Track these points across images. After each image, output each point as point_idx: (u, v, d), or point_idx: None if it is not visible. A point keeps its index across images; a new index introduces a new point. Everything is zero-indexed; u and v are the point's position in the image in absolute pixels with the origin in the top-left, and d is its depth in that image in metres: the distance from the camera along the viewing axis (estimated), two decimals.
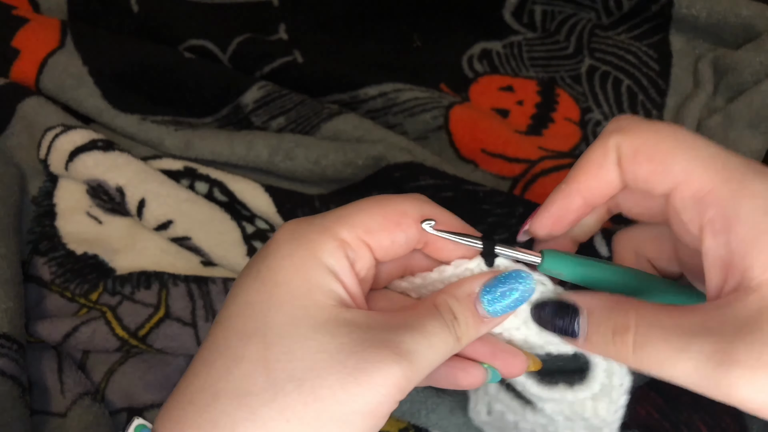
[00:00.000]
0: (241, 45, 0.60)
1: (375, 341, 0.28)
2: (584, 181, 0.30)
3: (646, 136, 0.29)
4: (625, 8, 0.61)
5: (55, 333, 0.46)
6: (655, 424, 0.42)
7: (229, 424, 0.26)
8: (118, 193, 0.50)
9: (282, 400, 0.27)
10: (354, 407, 0.27)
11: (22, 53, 0.58)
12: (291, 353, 0.27)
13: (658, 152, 0.28)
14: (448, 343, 0.29)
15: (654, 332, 0.26)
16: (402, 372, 0.27)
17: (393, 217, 0.31)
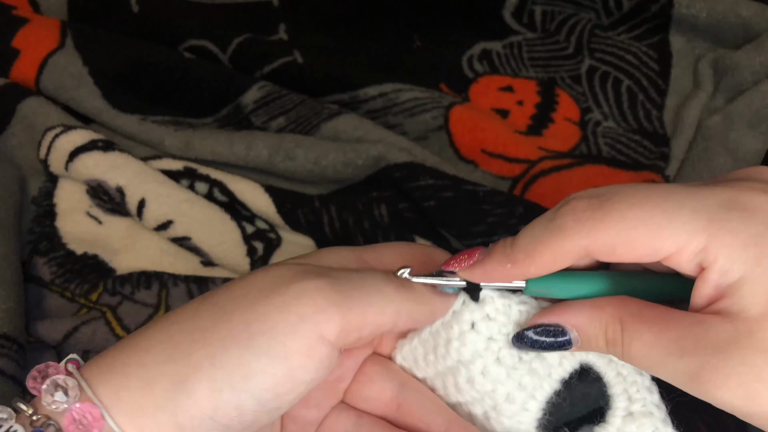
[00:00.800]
0: (241, 45, 0.60)
1: (301, 267, 0.28)
2: (533, 271, 0.28)
3: (616, 231, 0.26)
4: (625, 8, 0.61)
5: (55, 333, 0.46)
6: None
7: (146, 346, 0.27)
8: (118, 193, 0.50)
9: (196, 323, 0.27)
10: (261, 327, 0.26)
11: (22, 53, 0.58)
12: (227, 288, 0.28)
13: (637, 241, 0.26)
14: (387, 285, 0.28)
15: (639, 347, 0.27)
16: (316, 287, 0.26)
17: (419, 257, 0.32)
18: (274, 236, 0.51)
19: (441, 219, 0.48)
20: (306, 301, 0.26)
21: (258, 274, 0.28)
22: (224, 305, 0.27)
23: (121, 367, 0.27)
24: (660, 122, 0.57)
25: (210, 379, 0.26)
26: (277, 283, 0.27)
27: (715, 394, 0.25)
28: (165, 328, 0.28)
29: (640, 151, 0.55)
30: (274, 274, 0.28)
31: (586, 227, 0.27)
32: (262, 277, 0.28)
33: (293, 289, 0.26)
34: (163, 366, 0.26)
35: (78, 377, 0.27)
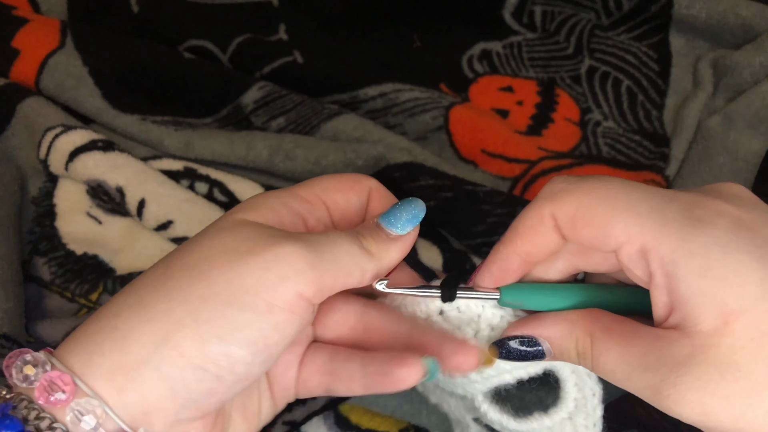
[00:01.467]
0: (241, 45, 0.60)
1: (271, 232, 0.29)
2: (521, 245, 0.30)
3: (580, 202, 0.28)
4: (625, 8, 0.61)
5: (55, 333, 0.46)
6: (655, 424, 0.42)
7: (115, 311, 0.28)
8: (118, 193, 0.50)
9: (170, 284, 0.27)
10: (243, 284, 0.27)
11: (22, 53, 0.58)
12: (190, 250, 0.28)
13: (595, 217, 0.28)
14: (352, 245, 0.30)
15: (606, 361, 0.28)
16: (295, 252, 0.27)
17: (347, 182, 0.33)
18: None
19: (441, 219, 0.48)
20: (286, 263, 0.27)
21: (222, 234, 0.29)
22: (196, 265, 0.28)
23: (92, 335, 0.27)
24: (660, 122, 0.57)
25: (195, 333, 0.26)
26: (251, 245, 0.28)
27: (674, 409, 0.26)
28: (134, 292, 0.28)
29: (640, 151, 0.55)
30: (244, 235, 0.28)
31: (556, 196, 0.29)
32: (232, 237, 0.28)
33: (272, 251, 0.27)
34: (141, 326, 0.27)
35: (47, 354, 0.27)
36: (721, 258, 0.26)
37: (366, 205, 0.34)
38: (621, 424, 0.42)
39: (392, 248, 0.31)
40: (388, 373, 0.31)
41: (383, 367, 0.31)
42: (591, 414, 0.34)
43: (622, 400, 0.43)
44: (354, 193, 0.33)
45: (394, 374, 0.30)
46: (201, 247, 0.28)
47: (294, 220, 0.31)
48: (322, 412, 0.43)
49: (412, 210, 0.32)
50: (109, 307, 0.28)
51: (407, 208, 0.32)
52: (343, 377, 0.32)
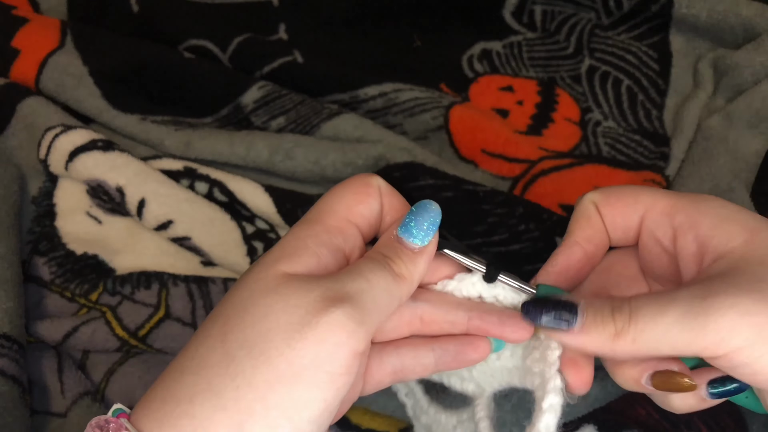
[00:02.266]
0: (241, 45, 0.60)
1: (317, 292, 0.29)
2: (579, 231, 0.35)
3: (611, 189, 0.35)
4: (625, 8, 0.61)
5: (55, 333, 0.46)
6: (655, 424, 0.42)
7: (188, 395, 0.28)
8: (118, 193, 0.50)
9: (234, 368, 0.28)
10: (303, 362, 0.28)
11: (22, 53, 0.58)
12: (243, 322, 0.29)
13: (624, 193, 0.35)
14: (385, 277, 0.31)
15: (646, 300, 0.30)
16: (345, 315, 0.28)
17: (362, 189, 0.34)
18: (274, 236, 0.51)
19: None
20: (338, 330, 0.28)
21: (272, 300, 0.29)
22: (255, 343, 0.28)
23: (173, 420, 0.28)
24: (660, 122, 0.57)
25: (266, 420, 0.27)
26: (302, 315, 0.28)
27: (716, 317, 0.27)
28: (201, 372, 0.28)
29: (640, 151, 0.55)
30: (293, 302, 0.29)
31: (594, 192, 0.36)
32: (283, 308, 0.29)
33: (324, 321, 0.28)
34: (215, 416, 0.27)
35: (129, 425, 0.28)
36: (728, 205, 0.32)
37: (381, 206, 0.35)
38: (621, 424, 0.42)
39: (419, 263, 0.33)
40: (461, 358, 0.34)
41: (457, 355, 0.34)
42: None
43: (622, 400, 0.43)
44: (371, 197, 0.34)
45: (467, 357, 0.34)
46: (253, 318, 0.29)
47: (336, 258, 0.32)
48: None
49: (430, 217, 0.33)
50: (182, 385, 0.28)
51: (425, 215, 0.33)
52: (416, 370, 0.35)
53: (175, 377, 0.29)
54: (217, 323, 0.29)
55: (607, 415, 0.42)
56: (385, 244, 0.33)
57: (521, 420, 0.41)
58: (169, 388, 0.29)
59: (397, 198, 0.35)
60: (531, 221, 0.47)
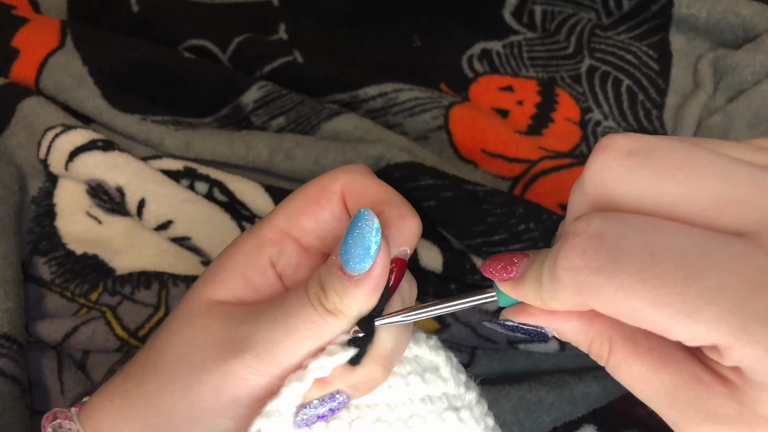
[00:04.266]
0: (241, 45, 0.60)
1: (225, 334, 0.28)
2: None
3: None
4: (625, 8, 0.61)
5: (55, 333, 0.46)
6: (655, 424, 0.42)
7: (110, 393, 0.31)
8: (118, 193, 0.50)
9: (145, 387, 0.29)
10: (202, 406, 0.28)
11: (21, 53, 0.58)
12: (161, 343, 0.30)
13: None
14: (311, 322, 0.27)
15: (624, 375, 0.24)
16: (244, 368, 0.27)
17: (312, 197, 0.30)
18: None
19: (441, 219, 0.48)
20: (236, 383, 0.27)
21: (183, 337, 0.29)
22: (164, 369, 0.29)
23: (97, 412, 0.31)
24: (660, 122, 0.57)
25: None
26: (206, 357, 0.28)
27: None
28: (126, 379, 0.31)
29: None
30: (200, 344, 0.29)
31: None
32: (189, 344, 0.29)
33: (221, 372, 0.28)
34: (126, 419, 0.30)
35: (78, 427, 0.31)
36: None
37: (344, 210, 0.30)
38: (621, 424, 0.42)
39: (360, 295, 0.27)
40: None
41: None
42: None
43: (622, 399, 0.43)
44: (320, 207, 0.30)
45: None
46: (168, 344, 0.30)
47: (267, 278, 0.30)
48: None
49: (363, 239, 0.26)
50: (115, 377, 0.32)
51: (356, 238, 0.26)
52: None
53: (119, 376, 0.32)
54: (155, 334, 0.31)
55: (607, 415, 0.42)
56: (325, 269, 0.28)
57: (522, 420, 0.41)
58: (110, 383, 0.32)
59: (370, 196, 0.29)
60: (531, 221, 0.47)
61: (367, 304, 0.27)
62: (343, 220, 0.30)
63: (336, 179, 0.30)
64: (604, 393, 0.42)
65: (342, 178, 0.30)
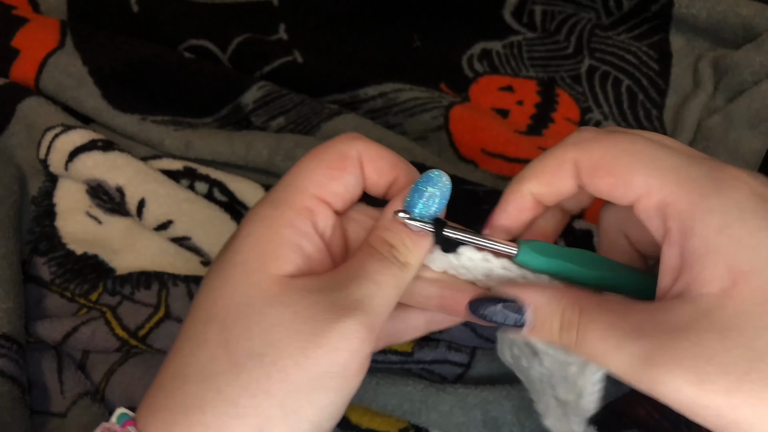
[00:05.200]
0: (241, 45, 0.60)
1: (326, 302, 0.29)
2: (536, 185, 0.32)
3: (604, 150, 0.29)
4: (625, 8, 0.61)
5: (55, 333, 0.46)
6: (655, 424, 0.42)
7: (197, 404, 0.28)
8: (117, 193, 0.50)
9: (246, 377, 0.28)
10: (319, 370, 0.28)
11: (21, 53, 0.58)
12: (248, 331, 0.28)
13: (617, 166, 0.28)
14: (394, 275, 0.30)
15: (595, 330, 0.27)
16: (357, 323, 0.28)
17: (337, 164, 0.32)
18: None
19: None
20: (353, 338, 0.28)
21: (281, 315, 0.28)
22: (264, 353, 0.28)
23: (185, 429, 0.27)
24: (660, 122, 0.57)
25: (286, 424, 0.28)
26: (314, 325, 0.28)
27: (664, 378, 0.25)
28: (209, 381, 0.28)
29: None
30: (304, 315, 0.28)
31: (583, 143, 0.30)
32: (292, 319, 0.28)
33: (338, 331, 0.28)
34: (232, 423, 0.27)
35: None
36: (738, 218, 0.25)
37: (362, 175, 0.33)
38: (621, 424, 0.42)
39: (424, 246, 0.32)
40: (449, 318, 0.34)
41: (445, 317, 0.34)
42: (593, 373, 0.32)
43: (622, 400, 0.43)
44: (347, 172, 0.32)
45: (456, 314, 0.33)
46: (260, 328, 0.28)
47: (317, 246, 0.31)
48: None
49: (437, 195, 0.32)
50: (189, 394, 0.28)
51: (432, 193, 0.31)
52: (407, 333, 0.34)
53: (176, 385, 0.28)
54: (213, 328, 0.29)
55: (607, 415, 0.42)
56: (386, 227, 0.31)
57: (522, 420, 0.41)
58: (173, 396, 0.28)
59: (387, 161, 0.32)
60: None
61: (427, 252, 0.32)
62: (361, 183, 0.33)
63: (351, 146, 0.32)
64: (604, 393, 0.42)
65: (356, 145, 0.32)
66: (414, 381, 0.42)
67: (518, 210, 0.32)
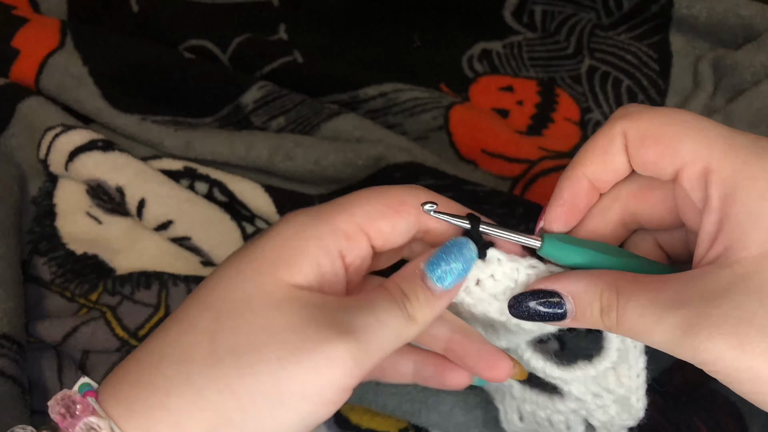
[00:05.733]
0: (241, 45, 0.60)
1: (323, 320, 0.28)
2: (590, 166, 0.31)
3: (652, 120, 0.29)
4: (625, 8, 0.61)
5: (55, 333, 0.46)
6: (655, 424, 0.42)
7: (164, 386, 0.27)
8: (118, 193, 0.50)
9: (218, 371, 0.27)
10: (292, 388, 0.27)
11: (22, 53, 0.58)
12: (237, 327, 0.28)
13: (665, 135, 0.28)
14: (398, 318, 0.29)
15: (634, 308, 0.27)
16: (346, 351, 0.27)
17: (393, 205, 0.31)
18: None
19: None
20: (336, 366, 0.27)
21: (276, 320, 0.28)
22: (245, 352, 0.27)
23: (146, 410, 0.27)
24: None
25: (242, 430, 0.27)
26: (302, 339, 0.27)
27: (706, 346, 0.25)
28: (182, 366, 0.27)
29: None
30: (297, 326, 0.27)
31: (629, 115, 0.29)
32: (284, 327, 0.27)
33: (323, 352, 0.27)
34: (191, 412, 0.27)
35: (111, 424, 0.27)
36: None
37: (414, 224, 0.32)
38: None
39: (437, 308, 0.30)
40: (439, 379, 0.33)
41: (436, 375, 0.33)
42: (634, 365, 0.33)
43: None
44: (400, 216, 0.31)
45: (446, 381, 0.33)
46: (250, 327, 0.27)
47: (334, 266, 0.30)
48: None
49: (463, 261, 0.30)
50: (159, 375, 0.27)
51: (458, 258, 0.30)
52: (393, 376, 0.34)
53: (151, 362, 0.28)
54: (205, 316, 0.28)
55: None
56: (405, 277, 0.30)
57: None
58: (142, 373, 0.28)
59: (445, 225, 0.32)
60: (531, 221, 0.47)
61: (437, 315, 0.30)
62: (412, 233, 0.32)
63: (414, 195, 0.32)
64: None
65: (419, 196, 0.32)
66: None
67: (574, 196, 0.31)
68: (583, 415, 0.36)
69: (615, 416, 0.35)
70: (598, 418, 0.35)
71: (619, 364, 0.33)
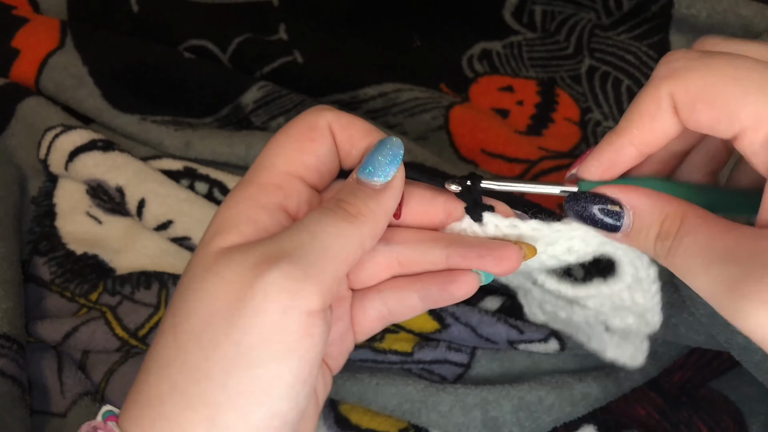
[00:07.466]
0: (241, 45, 0.60)
1: (251, 261, 0.26)
2: (637, 134, 0.28)
3: (703, 80, 0.26)
4: (625, 8, 0.61)
5: (55, 333, 0.46)
6: (655, 424, 0.42)
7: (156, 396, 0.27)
8: (117, 193, 0.50)
9: (188, 362, 0.26)
10: (250, 341, 0.25)
11: (22, 53, 0.58)
12: (187, 310, 0.27)
13: (719, 97, 0.25)
14: (335, 224, 0.27)
15: (689, 244, 0.26)
16: (280, 276, 0.25)
17: (304, 136, 0.30)
18: None
19: None
20: (279, 294, 0.25)
21: (210, 281, 0.27)
22: (202, 331, 0.26)
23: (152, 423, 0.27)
24: None
25: (235, 408, 0.26)
26: (238, 290, 0.26)
27: (749, 311, 0.23)
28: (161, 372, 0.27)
29: None
30: (229, 279, 0.26)
31: (676, 74, 0.26)
32: (219, 286, 0.26)
33: (260, 288, 0.25)
34: (186, 415, 0.26)
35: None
36: None
37: (335, 145, 0.31)
38: (621, 424, 0.42)
39: (383, 199, 0.29)
40: (447, 296, 0.31)
41: (442, 294, 0.31)
42: (648, 290, 0.33)
43: (622, 400, 0.43)
44: (317, 143, 0.30)
45: (453, 292, 0.31)
46: (195, 304, 0.27)
47: (277, 219, 0.29)
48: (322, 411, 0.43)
49: (389, 151, 0.29)
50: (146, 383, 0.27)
51: (383, 151, 0.29)
52: (404, 312, 0.32)
53: (142, 378, 0.28)
54: (168, 315, 0.28)
55: (607, 415, 0.42)
56: (342, 189, 0.29)
57: (522, 420, 0.41)
58: (140, 390, 0.28)
59: (358, 128, 0.31)
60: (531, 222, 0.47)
61: (388, 208, 0.29)
62: (335, 154, 0.31)
63: (320, 116, 0.30)
64: (604, 393, 0.42)
65: (325, 115, 0.31)
66: (414, 381, 0.42)
67: (613, 162, 0.29)
68: (603, 319, 0.36)
69: (632, 324, 0.35)
70: (616, 324, 0.35)
71: (634, 287, 0.33)
